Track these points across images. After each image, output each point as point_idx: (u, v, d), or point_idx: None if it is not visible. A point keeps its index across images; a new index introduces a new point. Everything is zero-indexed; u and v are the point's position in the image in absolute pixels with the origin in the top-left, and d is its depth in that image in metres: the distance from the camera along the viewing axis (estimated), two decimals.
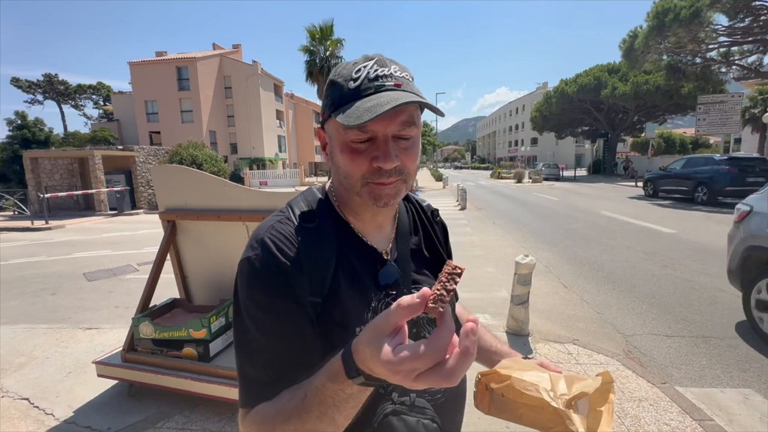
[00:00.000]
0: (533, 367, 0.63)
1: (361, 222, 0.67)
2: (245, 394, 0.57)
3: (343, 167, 0.59)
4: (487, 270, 5.59)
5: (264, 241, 0.58)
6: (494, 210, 12.56)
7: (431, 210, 0.82)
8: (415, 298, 0.38)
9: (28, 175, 14.40)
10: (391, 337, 0.39)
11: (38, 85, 40.19)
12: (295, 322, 0.56)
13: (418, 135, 0.61)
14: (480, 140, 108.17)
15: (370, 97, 0.54)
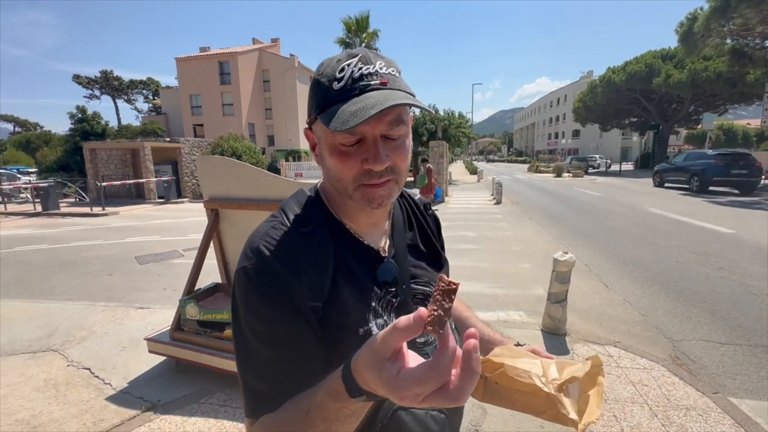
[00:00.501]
0: (525, 354, 0.64)
1: (355, 222, 0.66)
2: (249, 405, 0.57)
3: (333, 170, 0.58)
4: (522, 266, 5.44)
5: (259, 250, 0.57)
6: (531, 204, 12.15)
7: (423, 203, 0.82)
8: (411, 320, 0.37)
9: (88, 165, 15.62)
10: (392, 362, 0.38)
11: (96, 81, 43.27)
12: (295, 330, 0.55)
13: (407, 133, 0.59)
14: (517, 132, 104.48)
15: (355, 99, 0.52)
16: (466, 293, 4.41)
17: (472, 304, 4.06)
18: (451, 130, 20.07)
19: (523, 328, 3.44)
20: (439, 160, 13.54)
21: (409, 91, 0.57)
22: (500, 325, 3.53)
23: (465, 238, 7.42)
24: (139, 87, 46.22)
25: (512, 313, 3.83)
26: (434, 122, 19.67)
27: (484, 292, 4.43)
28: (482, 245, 6.77)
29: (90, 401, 2.52)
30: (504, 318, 3.72)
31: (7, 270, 5.83)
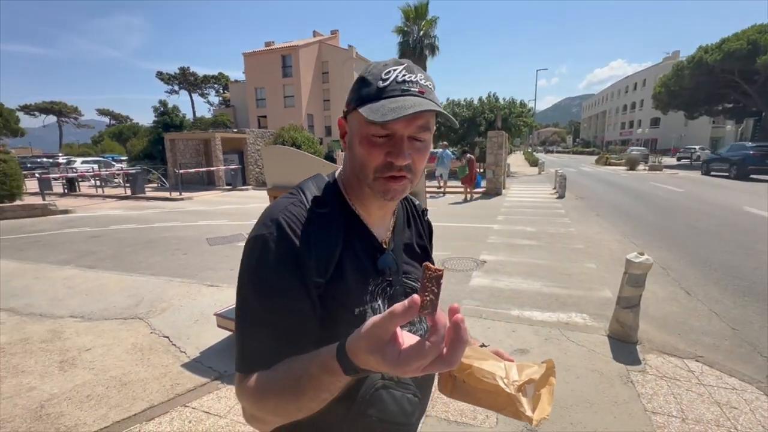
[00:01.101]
0: (490, 356, 0.71)
1: (367, 212, 0.71)
2: (242, 360, 0.61)
3: (359, 157, 0.63)
4: (587, 266, 5.06)
5: (279, 221, 0.62)
6: (598, 200, 11.22)
7: (421, 209, 0.88)
8: (406, 305, 0.42)
9: (168, 154, 17.30)
10: (392, 344, 0.44)
11: (175, 78, 47.50)
12: (299, 301, 0.60)
13: (429, 139, 0.65)
14: (585, 121, 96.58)
15: (396, 98, 0.59)
16: (521, 291, 4.21)
17: (529, 303, 3.87)
18: (511, 120, 19.10)
19: (586, 332, 3.21)
20: (497, 151, 12.95)
21: (440, 104, 0.63)
22: (561, 327, 3.32)
23: (523, 233, 7.07)
24: (211, 82, 49.97)
25: (574, 316, 3.58)
26: (493, 111, 18.84)
27: (542, 291, 4.19)
28: (542, 241, 6.40)
29: (168, 366, 2.82)
30: (565, 320, 3.49)
31: (105, 245, 6.68)
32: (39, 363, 2.84)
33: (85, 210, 11.25)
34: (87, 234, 7.72)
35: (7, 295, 4.23)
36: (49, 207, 10.45)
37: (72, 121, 61.81)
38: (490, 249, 5.97)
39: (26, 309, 3.84)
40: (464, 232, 7.26)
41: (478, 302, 3.93)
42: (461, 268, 5.04)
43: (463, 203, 11.22)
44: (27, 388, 2.54)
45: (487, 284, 4.45)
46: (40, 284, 4.58)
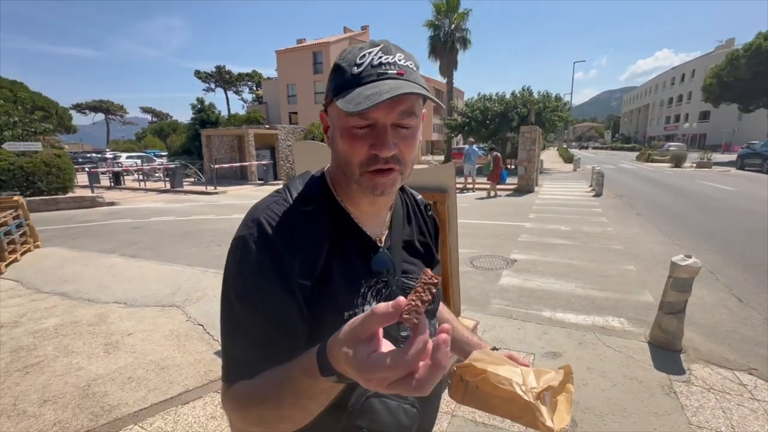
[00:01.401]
0: (505, 361, 0.67)
1: (357, 209, 0.66)
2: (227, 369, 0.59)
3: (342, 152, 0.59)
4: (625, 268, 4.80)
5: (260, 222, 0.59)
6: (639, 198, 10.63)
7: (424, 204, 0.82)
8: (389, 307, 0.38)
9: (204, 150, 18.01)
10: (366, 344, 0.39)
11: (211, 76, 49.26)
12: (283, 305, 0.56)
13: (417, 125, 0.60)
14: (626, 116, 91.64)
15: (371, 84, 0.54)
16: (554, 292, 4.05)
17: (562, 305, 3.72)
18: (545, 114, 18.41)
19: (624, 338, 3.04)
20: (530, 147, 12.52)
21: (424, 85, 0.58)
22: (596, 331, 3.17)
23: (556, 232, 6.81)
24: (245, 79, 51.41)
25: (611, 320, 3.40)
26: (527, 105, 18.23)
27: (576, 293, 4.02)
28: (577, 241, 6.14)
29: (202, 353, 2.93)
30: (601, 324, 3.33)
31: (146, 236, 7.06)
32: (86, 345, 3.04)
33: (128, 202, 11.93)
34: (130, 225, 8.18)
35: (60, 280, 4.56)
36: (97, 199, 11.17)
37: (118, 118, 65.70)
38: (521, 248, 5.79)
39: (76, 294, 4.12)
40: (494, 229, 7.09)
41: (508, 302, 3.83)
42: (490, 267, 4.92)
43: (488, 199, 11.10)
44: (76, 367, 2.72)
45: (518, 284, 4.32)
46: (89, 271, 4.90)
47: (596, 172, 11.73)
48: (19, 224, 5.66)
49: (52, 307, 3.77)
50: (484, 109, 19.70)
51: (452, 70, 27.22)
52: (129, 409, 2.28)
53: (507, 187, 13.06)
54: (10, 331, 3.26)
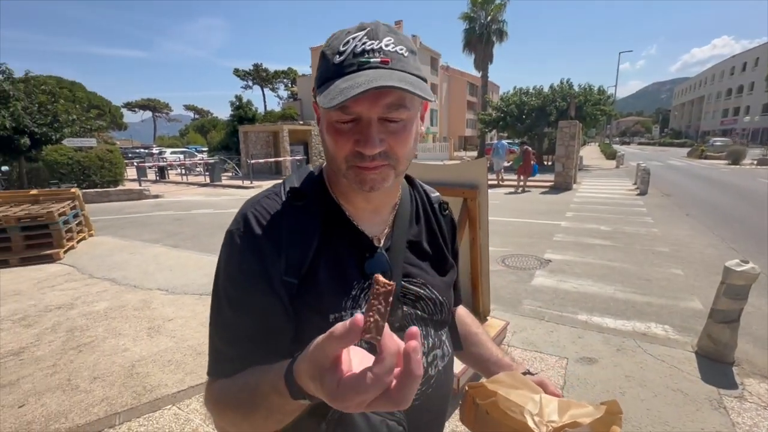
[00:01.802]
0: (525, 385, 0.58)
1: (352, 205, 0.63)
2: (211, 363, 0.58)
3: (328, 147, 0.56)
4: (672, 271, 4.49)
5: (246, 217, 0.58)
6: (689, 197, 9.90)
7: (439, 202, 0.75)
8: (347, 327, 0.35)
9: (241, 145, 18.68)
10: (332, 372, 0.36)
11: (249, 74, 50.90)
12: (266, 302, 0.55)
13: (410, 118, 0.54)
14: (676, 109, 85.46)
15: (350, 75, 0.49)
16: (591, 294, 3.86)
17: (600, 308, 3.54)
18: (586, 108, 17.51)
19: (668, 346, 2.85)
20: (568, 143, 11.98)
21: (416, 73, 0.53)
22: (637, 337, 2.99)
23: (595, 231, 6.48)
24: (281, 77, 52.73)
25: (654, 327, 3.20)
26: (566, 99, 17.44)
27: (615, 297, 3.81)
28: (617, 242, 5.81)
29: None
30: (642, 330, 3.14)
31: (186, 227, 7.44)
32: (132, 328, 3.25)
33: (171, 195, 12.62)
34: (172, 217, 8.65)
35: (110, 267, 4.91)
36: (144, 192, 11.89)
37: (164, 115, 69.55)
38: (556, 247, 5.57)
39: (123, 280, 4.41)
40: (527, 228, 6.86)
41: (540, 303, 3.69)
42: (523, 266, 4.77)
43: (516, 194, 10.94)
44: (122, 348, 2.92)
45: (552, 285, 4.15)
46: (135, 259, 5.24)
47: (641, 169, 11.04)
48: (76, 214, 6.14)
49: (103, 292, 4.06)
50: (520, 103, 19.05)
51: (487, 64, 26.52)
52: (168, 390, 2.42)
53: (543, 184, 12.60)
54: (66, 312, 3.55)
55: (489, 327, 2.69)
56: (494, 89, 48.47)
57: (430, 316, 0.65)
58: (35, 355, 2.84)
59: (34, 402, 2.31)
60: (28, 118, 9.99)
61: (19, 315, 3.50)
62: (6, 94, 9.91)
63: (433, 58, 38.38)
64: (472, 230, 2.50)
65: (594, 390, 2.35)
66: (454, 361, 0.73)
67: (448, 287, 0.70)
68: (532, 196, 10.71)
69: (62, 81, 26.29)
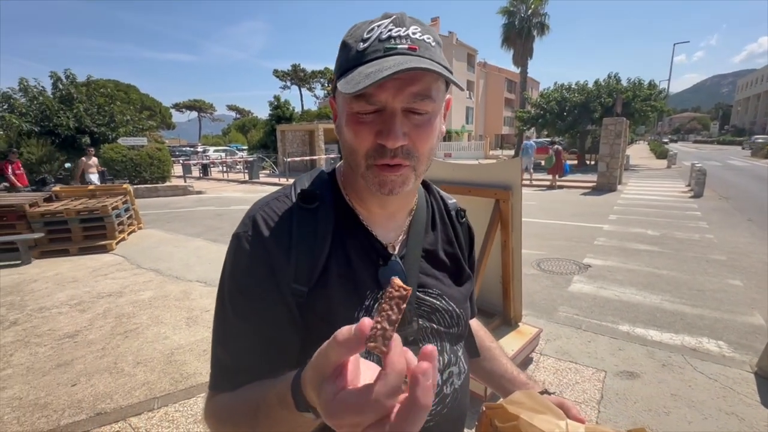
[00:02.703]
0: (548, 409, 0.54)
1: (366, 209, 0.59)
2: (213, 376, 0.55)
3: (347, 141, 0.52)
4: (729, 282, 4.11)
5: (255, 219, 0.55)
6: (751, 201, 9.03)
7: (456, 209, 0.71)
8: (351, 332, 0.31)
9: (279, 144, 19.28)
10: (332, 381, 0.32)
11: (288, 74, 52.33)
12: (272, 310, 0.52)
13: (435, 111, 0.50)
14: (739, 104, 78.27)
15: (376, 61, 0.46)
16: (634, 304, 3.62)
17: (644, 319, 3.31)
18: (635, 104, 16.44)
19: (722, 364, 2.60)
20: (613, 141, 11.29)
21: (444, 63, 0.49)
22: (686, 353, 2.76)
23: (641, 236, 6.07)
24: (317, 76, 53.75)
25: (707, 342, 2.94)
26: (612, 95, 16.46)
27: (662, 307, 3.54)
28: (666, 248, 5.41)
29: None
30: (692, 345, 2.89)
31: (226, 222, 7.78)
32: (173, 317, 3.44)
33: (213, 191, 13.25)
34: (213, 212, 9.08)
35: (156, 258, 5.23)
36: (189, 188, 12.57)
37: (208, 116, 73.15)
38: (596, 252, 5.27)
39: (167, 271, 4.68)
40: (566, 231, 6.54)
41: (578, 311, 3.51)
42: (560, 271, 4.55)
43: (549, 191, 11.17)
44: (163, 336, 3.09)
45: (591, 291, 3.93)
46: (178, 252, 5.54)
47: (696, 170, 10.20)
48: (127, 208, 6.60)
49: (149, 281, 4.33)
50: (561, 99, 18.23)
51: (527, 59, 25.61)
52: (202, 378, 2.53)
53: (584, 185, 12.00)
54: (116, 300, 3.82)
55: (520, 334, 2.58)
56: (534, 85, 46.73)
57: (447, 330, 0.61)
58: (87, 338, 3.07)
59: (85, 382, 2.50)
60: (88, 119, 10.88)
61: (75, 300, 3.82)
62: (70, 97, 10.85)
63: (469, 55, 37.61)
64: (504, 233, 2.41)
65: (634, 407, 2.20)
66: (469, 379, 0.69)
67: (465, 298, 0.66)
68: (572, 197, 10.22)
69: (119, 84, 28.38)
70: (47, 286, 4.22)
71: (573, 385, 2.41)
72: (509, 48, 26.06)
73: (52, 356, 2.81)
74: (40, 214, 5.42)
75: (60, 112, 10.19)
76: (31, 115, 10.24)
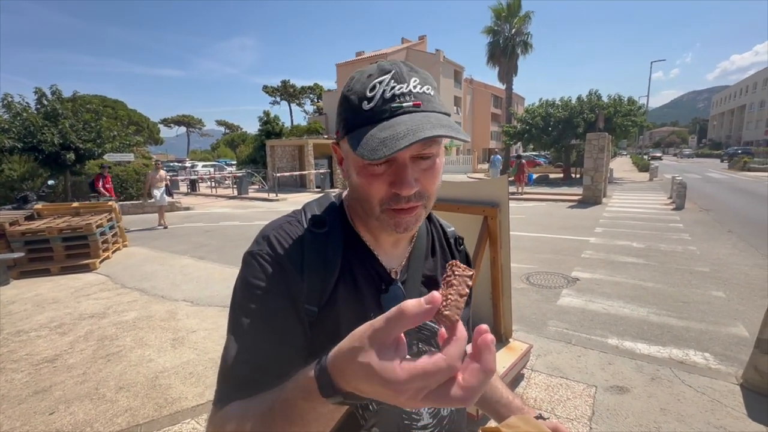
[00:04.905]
0: None
1: (374, 238, 0.63)
2: (220, 391, 0.53)
3: (360, 189, 0.55)
4: (712, 294, 4.20)
5: (269, 239, 0.57)
6: (731, 213, 9.31)
7: (454, 237, 0.75)
8: (423, 303, 0.32)
9: (268, 159, 19.23)
10: (393, 349, 0.33)
11: (277, 90, 52.72)
12: (289, 325, 0.54)
13: (439, 152, 0.55)
14: (715, 119, 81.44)
15: (386, 123, 0.49)
16: (622, 317, 3.66)
17: (632, 332, 3.35)
18: (616, 119, 16.98)
19: (710, 377, 2.64)
20: (597, 155, 11.60)
21: (444, 110, 0.53)
22: (673, 366, 2.79)
23: (626, 249, 6.19)
24: (307, 92, 54.32)
25: (693, 354, 2.98)
26: (594, 110, 16.98)
27: (649, 320, 3.59)
28: (651, 260, 5.52)
29: None
30: (680, 358, 2.93)
31: (213, 239, 7.67)
32: (157, 338, 3.34)
33: (201, 207, 13.08)
34: (201, 228, 8.95)
35: (141, 277, 5.11)
36: (176, 204, 12.39)
37: (197, 130, 72.80)
38: (584, 265, 5.34)
39: (152, 290, 4.57)
40: (553, 244, 6.63)
41: (567, 325, 3.53)
42: (548, 285, 4.59)
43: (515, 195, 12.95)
44: (147, 359, 3.00)
45: (579, 305, 3.97)
46: (164, 270, 5.43)
47: (677, 182, 10.52)
48: (112, 226, 6.47)
49: (133, 302, 4.22)
50: (546, 115, 18.70)
51: (512, 76, 26.31)
52: (188, 403, 2.46)
53: (571, 198, 12.23)
54: (99, 321, 3.70)
55: (511, 350, 2.58)
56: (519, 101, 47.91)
57: None
58: (68, 362, 2.96)
59: (64, 410, 2.40)
60: (74, 135, 10.70)
61: (55, 323, 3.69)
62: (56, 113, 10.68)
63: (456, 71, 38.48)
64: (492, 249, 2.44)
65: (625, 423, 2.20)
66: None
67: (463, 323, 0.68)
68: (559, 211, 10.39)
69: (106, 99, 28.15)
70: (26, 308, 4.08)
71: (565, 401, 2.41)
72: (494, 65, 26.77)
73: (29, 383, 2.69)
74: (21, 233, 5.27)
75: (44, 129, 10.03)
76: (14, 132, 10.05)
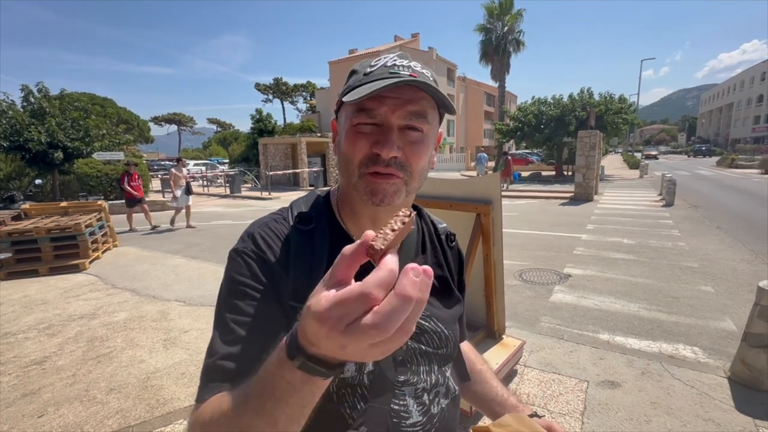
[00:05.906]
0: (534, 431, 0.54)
1: (359, 230, 0.62)
2: (202, 389, 0.51)
3: (345, 152, 0.56)
4: (701, 288, 4.27)
5: (254, 236, 0.57)
6: (719, 209, 9.47)
7: (446, 233, 0.74)
8: (357, 243, 0.32)
9: (261, 157, 19.10)
10: (328, 287, 0.31)
11: (270, 88, 52.32)
12: (272, 325, 0.52)
13: (429, 133, 0.56)
14: (704, 116, 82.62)
15: (380, 81, 0.51)
16: (613, 312, 3.70)
17: (623, 328, 3.39)
18: (607, 117, 17.14)
19: (698, 371, 2.68)
20: (588, 153, 11.71)
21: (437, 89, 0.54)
22: (663, 360, 2.83)
23: (617, 245, 6.26)
24: (300, 90, 53.97)
25: (682, 348, 3.03)
26: (586, 108, 17.13)
27: (640, 315, 3.64)
28: (642, 256, 5.59)
29: None
30: (669, 352, 2.97)
31: (206, 239, 7.60)
32: (149, 339, 3.31)
33: (193, 206, 12.93)
34: (193, 228, 8.86)
35: (131, 277, 5.04)
36: (167, 203, 12.25)
37: (188, 129, 72.03)
38: (576, 262, 5.40)
39: (144, 291, 4.52)
40: (546, 241, 6.68)
41: (560, 321, 3.56)
42: (541, 281, 4.63)
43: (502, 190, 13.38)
44: (139, 360, 2.97)
45: (572, 301, 4.01)
46: (155, 270, 5.37)
47: (666, 180, 10.66)
48: (102, 225, 6.37)
49: (124, 302, 4.16)
50: (538, 113, 18.83)
51: (504, 74, 26.42)
52: (180, 403, 2.43)
53: (563, 195, 12.33)
54: (89, 322, 3.65)
55: (504, 346, 2.60)
56: (512, 99, 48.13)
57: (435, 350, 0.63)
58: (57, 364, 2.92)
59: (53, 412, 2.36)
60: (61, 133, 10.51)
61: (44, 324, 3.63)
62: (42, 111, 10.48)
63: (449, 69, 38.52)
64: (485, 246, 2.44)
65: (617, 417, 2.23)
66: (460, 400, 0.70)
67: (454, 321, 0.68)
68: (552, 208, 10.47)
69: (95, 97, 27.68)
70: (13, 310, 4.01)
71: (557, 396, 2.43)
72: (487, 63, 26.86)
73: (17, 385, 2.65)
74: (7, 233, 5.17)
75: (31, 127, 9.83)
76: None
